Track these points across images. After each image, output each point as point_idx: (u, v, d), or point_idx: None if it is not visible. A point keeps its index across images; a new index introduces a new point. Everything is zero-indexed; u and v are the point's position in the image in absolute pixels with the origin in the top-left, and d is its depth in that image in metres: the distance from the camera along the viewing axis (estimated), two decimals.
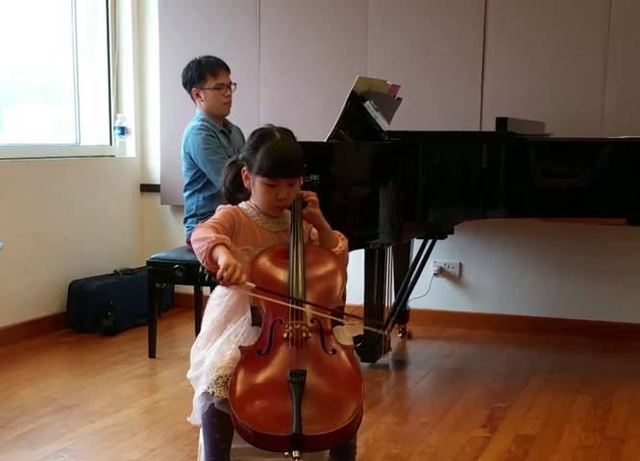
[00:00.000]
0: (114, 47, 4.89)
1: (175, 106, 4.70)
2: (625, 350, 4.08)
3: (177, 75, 3.99)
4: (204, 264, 2.21)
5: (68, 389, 3.44)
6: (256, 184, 2.34)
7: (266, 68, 4.65)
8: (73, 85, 4.79)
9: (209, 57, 3.88)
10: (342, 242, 2.43)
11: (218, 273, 2.13)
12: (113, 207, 4.85)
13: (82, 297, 4.37)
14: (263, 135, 2.34)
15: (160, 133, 4.89)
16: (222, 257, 2.14)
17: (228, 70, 3.90)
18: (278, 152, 2.30)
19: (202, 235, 2.22)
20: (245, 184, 2.38)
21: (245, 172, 2.36)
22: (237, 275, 2.13)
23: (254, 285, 2.18)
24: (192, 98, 3.90)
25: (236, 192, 2.43)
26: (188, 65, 3.89)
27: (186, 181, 3.91)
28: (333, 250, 2.40)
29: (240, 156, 2.39)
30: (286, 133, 2.37)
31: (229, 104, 3.90)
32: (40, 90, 4.78)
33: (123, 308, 4.39)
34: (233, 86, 3.91)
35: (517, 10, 4.24)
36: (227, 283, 2.15)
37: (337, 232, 2.45)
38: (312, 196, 2.41)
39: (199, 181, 3.85)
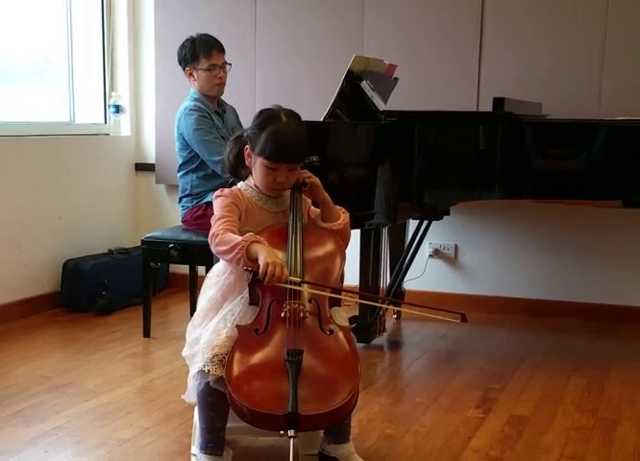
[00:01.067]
0: (109, 24, 4.84)
1: (170, 84, 4.66)
2: (618, 332, 4.09)
3: (172, 53, 3.96)
4: (245, 267, 2.17)
5: (62, 368, 3.44)
6: (256, 165, 2.33)
7: (262, 50, 4.61)
8: (68, 63, 4.74)
9: (205, 35, 3.84)
10: (344, 215, 2.43)
11: (260, 274, 2.11)
12: (108, 186, 4.82)
13: (76, 276, 4.35)
14: (270, 117, 2.31)
15: (155, 112, 4.86)
16: (260, 256, 2.13)
17: (222, 50, 3.84)
18: (282, 135, 2.28)
19: (228, 244, 2.18)
20: (246, 162, 2.37)
21: (248, 150, 2.35)
22: (278, 272, 2.11)
23: (299, 280, 2.17)
24: (187, 76, 3.88)
25: (239, 168, 2.42)
26: (183, 44, 3.85)
27: (180, 162, 3.89)
28: (336, 223, 2.39)
29: (245, 133, 2.38)
30: (293, 116, 2.34)
31: (221, 85, 3.85)
32: (34, 68, 4.73)
33: (117, 288, 4.38)
34: (227, 67, 3.86)
35: None
36: (270, 282, 2.12)
37: (339, 207, 2.45)
38: (312, 178, 2.39)
39: (193, 161, 3.83)
